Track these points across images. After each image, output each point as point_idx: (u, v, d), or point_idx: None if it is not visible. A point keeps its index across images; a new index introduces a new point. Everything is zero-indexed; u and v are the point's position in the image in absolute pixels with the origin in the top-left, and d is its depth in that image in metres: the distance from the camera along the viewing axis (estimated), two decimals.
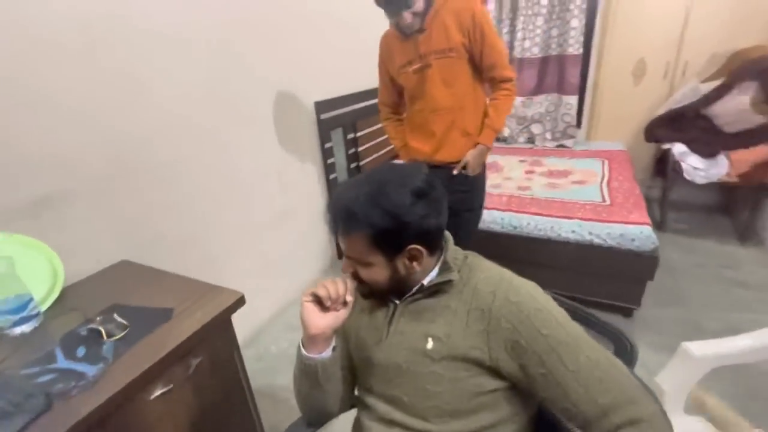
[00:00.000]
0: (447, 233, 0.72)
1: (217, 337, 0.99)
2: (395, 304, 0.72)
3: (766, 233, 2.37)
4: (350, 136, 2.48)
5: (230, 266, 1.74)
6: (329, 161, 2.31)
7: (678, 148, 2.54)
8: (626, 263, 1.73)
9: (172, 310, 0.95)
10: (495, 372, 0.62)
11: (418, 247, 0.65)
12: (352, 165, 2.56)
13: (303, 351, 0.68)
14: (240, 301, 0.99)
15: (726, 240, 2.48)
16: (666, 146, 2.67)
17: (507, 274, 0.68)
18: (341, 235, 0.65)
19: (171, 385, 0.86)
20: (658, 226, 2.54)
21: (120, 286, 1.08)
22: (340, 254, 2.59)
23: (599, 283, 1.82)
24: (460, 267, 0.69)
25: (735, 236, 2.51)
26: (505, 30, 3.14)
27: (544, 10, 2.95)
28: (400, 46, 1.51)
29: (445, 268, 0.69)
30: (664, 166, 2.73)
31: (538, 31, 3.01)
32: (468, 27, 1.41)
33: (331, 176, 2.35)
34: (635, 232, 1.71)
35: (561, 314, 0.62)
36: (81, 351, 0.82)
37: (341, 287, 0.65)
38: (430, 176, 0.66)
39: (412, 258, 0.66)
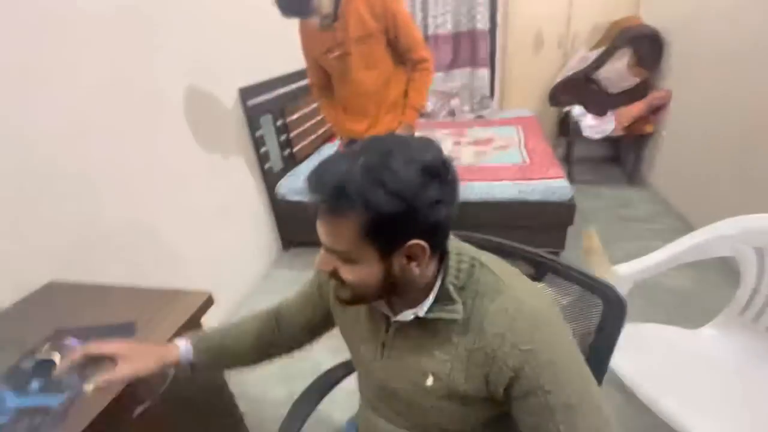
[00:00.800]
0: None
1: None
2: (388, 320, 0.61)
3: (648, 175, 2.86)
4: (280, 122, 2.40)
5: (175, 270, 1.61)
6: (262, 150, 2.22)
7: (576, 110, 2.92)
8: (551, 213, 1.97)
9: (133, 324, 0.87)
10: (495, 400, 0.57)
11: (422, 243, 0.49)
12: (285, 152, 2.48)
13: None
14: (209, 302, 0.94)
15: (619, 185, 2.94)
16: (566, 109, 3.03)
17: (522, 300, 0.53)
18: (325, 217, 0.49)
19: (150, 401, 0.80)
20: (568, 178, 2.91)
21: (58, 309, 0.96)
22: (285, 245, 2.52)
23: (531, 234, 2.04)
24: (464, 284, 0.55)
25: (625, 180, 2.98)
26: (418, 9, 3.23)
27: None
28: (318, 33, 1.50)
29: (445, 296, 0.54)
30: (566, 127, 3.11)
31: (449, 8, 3.15)
32: (381, 14, 1.44)
33: (266, 166, 2.26)
34: (555, 185, 1.95)
35: (575, 364, 0.52)
36: (35, 384, 0.73)
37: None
38: (443, 153, 0.50)
39: (412, 257, 0.51)
